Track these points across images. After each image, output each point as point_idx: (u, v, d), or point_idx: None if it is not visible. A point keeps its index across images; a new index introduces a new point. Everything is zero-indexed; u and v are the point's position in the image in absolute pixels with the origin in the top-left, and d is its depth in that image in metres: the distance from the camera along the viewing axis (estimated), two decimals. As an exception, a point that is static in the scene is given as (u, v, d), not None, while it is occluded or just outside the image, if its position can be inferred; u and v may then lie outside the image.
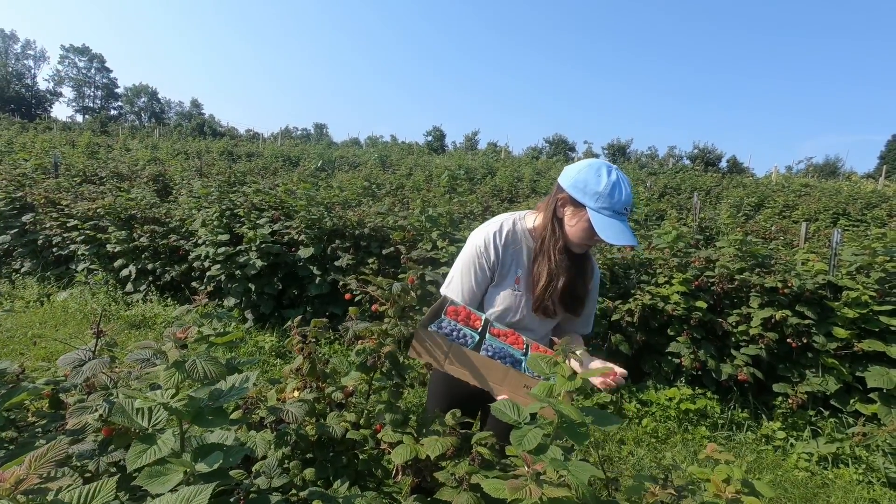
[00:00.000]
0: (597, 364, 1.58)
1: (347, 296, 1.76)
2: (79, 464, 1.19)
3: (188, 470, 0.95)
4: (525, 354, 1.58)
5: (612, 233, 1.49)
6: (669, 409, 3.78)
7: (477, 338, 1.54)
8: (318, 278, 4.74)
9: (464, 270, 1.71)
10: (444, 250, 4.41)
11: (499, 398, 1.47)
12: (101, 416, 1.21)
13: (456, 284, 1.73)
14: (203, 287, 5.17)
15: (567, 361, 1.20)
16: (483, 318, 1.65)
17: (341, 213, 5.07)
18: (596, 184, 1.51)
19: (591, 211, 1.52)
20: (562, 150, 32.94)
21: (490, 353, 1.50)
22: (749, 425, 3.74)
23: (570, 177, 1.58)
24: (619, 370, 1.50)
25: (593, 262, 1.81)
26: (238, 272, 4.81)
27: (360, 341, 1.49)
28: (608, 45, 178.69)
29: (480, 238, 1.69)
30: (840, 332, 3.59)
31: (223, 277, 4.94)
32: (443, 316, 1.57)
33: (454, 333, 1.51)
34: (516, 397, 1.46)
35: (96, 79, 69.22)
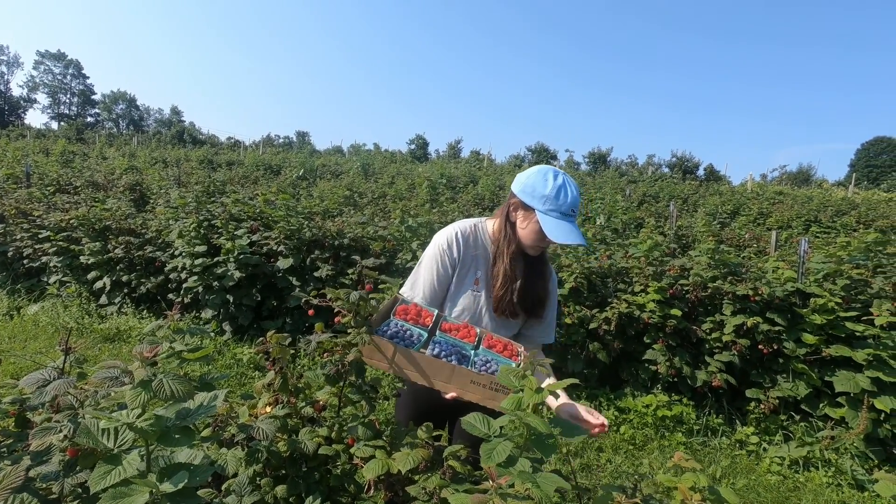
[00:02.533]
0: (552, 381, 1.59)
1: (311, 312, 1.77)
2: (44, 485, 1.17)
3: (153, 490, 0.95)
4: (476, 347, 1.59)
5: (559, 233, 1.57)
6: (646, 415, 3.83)
7: (425, 336, 1.54)
8: (298, 289, 4.70)
9: (426, 268, 1.75)
10: (423, 260, 4.43)
11: (447, 396, 1.50)
12: (65, 436, 1.19)
13: (417, 282, 1.77)
14: (179, 299, 5.09)
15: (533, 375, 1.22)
16: (434, 313, 1.66)
17: (321, 224, 5.06)
18: (543, 187, 1.60)
19: (540, 213, 1.60)
20: (544, 159, 33.21)
21: (437, 352, 1.50)
22: (724, 430, 3.81)
23: (520, 182, 1.66)
24: (600, 420, 1.51)
25: (550, 266, 1.87)
26: (216, 283, 4.75)
27: (326, 354, 1.49)
28: (590, 56, 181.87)
29: (443, 237, 1.75)
30: (809, 338, 3.69)
31: (200, 289, 4.87)
32: (391, 317, 1.57)
33: (400, 334, 1.51)
34: (465, 394, 1.48)
35: (72, 85, 67.96)
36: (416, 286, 1.77)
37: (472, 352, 1.57)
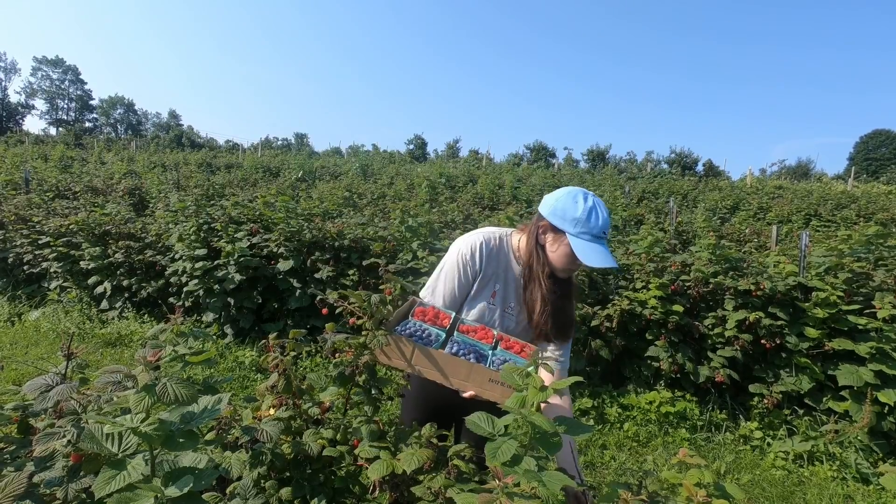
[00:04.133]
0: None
1: (324, 311, 1.77)
2: (48, 491, 1.17)
3: (158, 495, 0.94)
4: (494, 348, 1.59)
5: (592, 257, 1.54)
6: (650, 412, 3.83)
7: (443, 336, 1.53)
8: (299, 291, 4.70)
9: (447, 275, 1.73)
10: (424, 260, 4.42)
11: (466, 395, 1.49)
12: (69, 441, 1.19)
13: (437, 288, 1.74)
14: (181, 303, 5.09)
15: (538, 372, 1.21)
16: (452, 315, 1.65)
17: (321, 225, 5.05)
18: (574, 210, 1.56)
19: (571, 236, 1.57)
20: (542, 157, 33.16)
21: (455, 350, 1.50)
22: (727, 426, 3.81)
23: (549, 205, 1.62)
24: None
25: (575, 287, 1.83)
26: (216, 287, 4.75)
27: (337, 354, 1.49)
28: (587, 55, 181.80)
29: (467, 245, 1.72)
30: (811, 332, 3.69)
31: (201, 292, 4.87)
32: (409, 318, 1.57)
33: (419, 333, 1.51)
34: (483, 392, 1.47)
35: (70, 90, 67.90)
36: (437, 292, 1.74)
37: (490, 352, 1.56)
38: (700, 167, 27.87)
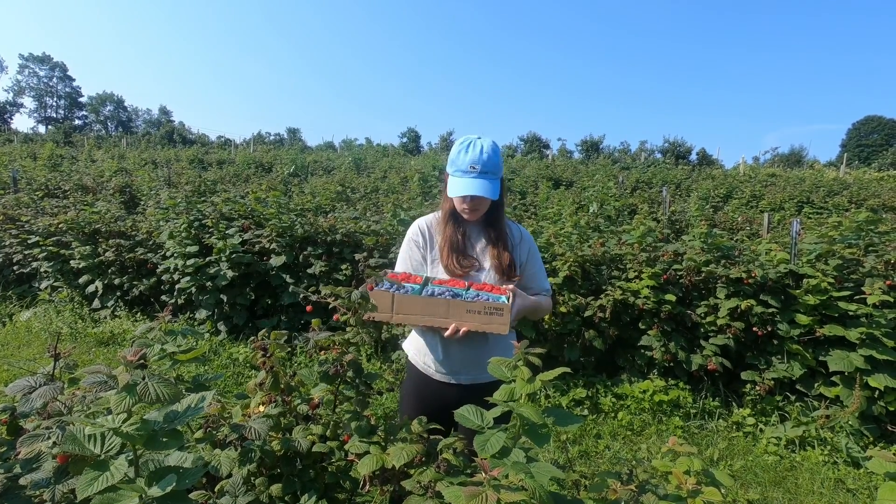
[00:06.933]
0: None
1: (309, 308, 1.79)
2: (36, 493, 1.16)
3: (142, 495, 0.93)
4: (467, 290, 1.69)
5: (455, 189, 1.72)
6: (644, 401, 3.85)
7: (419, 287, 1.65)
8: (292, 286, 4.68)
9: (402, 255, 1.93)
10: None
11: (447, 333, 1.61)
12: (54, 443, 1.18)
13: (397, 267, 1.93)
14: (173, 300, 5.06)
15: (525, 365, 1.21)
16: (423, 276, 1.77)
17: (313, 220, 5.02)
18: (451, 153, 1.78)
19: (450, 176, 1.78)
20: (536, 148, 33.08)
21: (431, 293, 1.62)
22: (720, 413, 3.83)
23: None
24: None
25: (510, 232, 1.92)
26: (209, 284, 4.73)
27: (323, 352, 1.48)
28: (581, 47, 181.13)
29: (413, 226, 1.95)
30: (802, 319, 3.71)
31: (194, 290, 4.84)
32: (384, 280, 1.68)
33: (394, 287, 1.63)
34: (462, 324, 1.59)
35: (58, 88, 67.07)
36: (397, 270, 1.88)
37: (464, 292, 1.67)
38: (694, 156, 27.87)
